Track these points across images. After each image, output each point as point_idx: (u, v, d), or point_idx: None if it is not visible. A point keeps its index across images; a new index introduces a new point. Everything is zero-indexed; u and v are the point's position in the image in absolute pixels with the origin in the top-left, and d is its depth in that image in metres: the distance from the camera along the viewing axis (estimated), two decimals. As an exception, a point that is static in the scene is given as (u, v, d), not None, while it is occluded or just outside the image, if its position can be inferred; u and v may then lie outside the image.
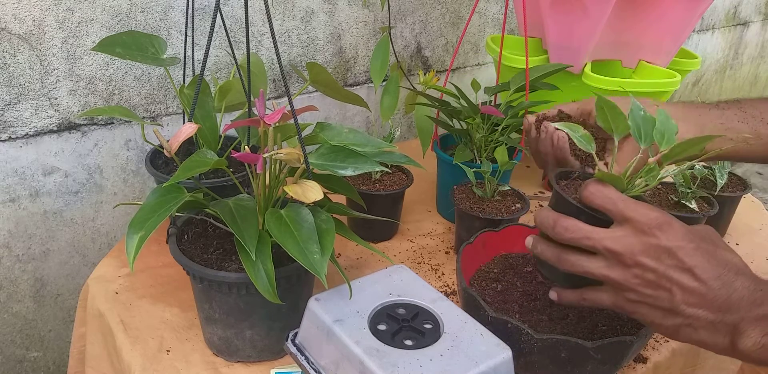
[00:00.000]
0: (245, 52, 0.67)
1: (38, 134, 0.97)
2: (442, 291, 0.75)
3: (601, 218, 0.55)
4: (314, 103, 1.09)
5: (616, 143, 0.59)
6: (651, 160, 0.55)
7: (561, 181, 0.62)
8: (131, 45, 0.74)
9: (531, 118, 0.79)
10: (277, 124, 0.60)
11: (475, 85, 1.01)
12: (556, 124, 0.57)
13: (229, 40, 0.76)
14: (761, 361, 0.49)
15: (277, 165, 0.63)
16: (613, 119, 0.57)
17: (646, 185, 0.57)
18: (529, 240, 0.60)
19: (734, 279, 0.50)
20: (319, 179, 0.66)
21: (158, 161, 0.90)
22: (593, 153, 0.57)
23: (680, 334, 0.52)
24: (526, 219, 0.94)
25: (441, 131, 1.05)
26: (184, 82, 0.81)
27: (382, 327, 0.60)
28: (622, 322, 0.68)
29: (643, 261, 0.52)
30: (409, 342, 0.58)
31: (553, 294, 0.61)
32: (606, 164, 0.73)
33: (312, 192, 0.60)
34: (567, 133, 0.59)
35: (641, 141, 0.56)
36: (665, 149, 0.55)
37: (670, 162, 0.56)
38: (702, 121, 0.67)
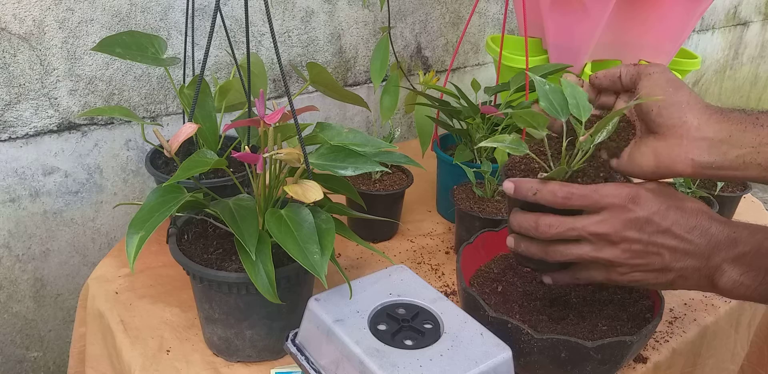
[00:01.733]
0: (245, 52, 0.67)
1: (38, 134, 0.97)
2: (442, 291, 0.75)
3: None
4: (314, 103, 1.09)
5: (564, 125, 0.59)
6: (582, 138, 0.56)
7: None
8: (131, 45, 0.74)
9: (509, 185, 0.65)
10: (277, 124, 0.60)
11: (475, 85, 1.01)
12: (488, 143, 0.57)
13: (229, 40, 0.76)
14: (740, 296, 0.55)
15: (277, 165, 0.63)
16: (533, 118, 0.57)
17: (585, 154, 0.57)
18: (510, 240, 0.61)
19: (708, 225, 0.54)
20: (319, 179, 0.66)
21: (158, 161, 0.90)
22: (543, 136, 0.58)
23: (674, 285, 0.57)
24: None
25: (441, 131, 1.05)
26: (184, 82, 0.81)
27: (382, 327, 0.60)
28: (622, 322, 0.68)
29: (628, 234, 0.54)
30: (409, 342, 0.58)
31: (547, 279, 0.63)
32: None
33: (312, 192, 0.60)
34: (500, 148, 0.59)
35: (559, 114, 0.57)
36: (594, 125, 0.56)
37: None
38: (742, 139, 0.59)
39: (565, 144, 0.58)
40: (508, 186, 0.58)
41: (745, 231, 0.54)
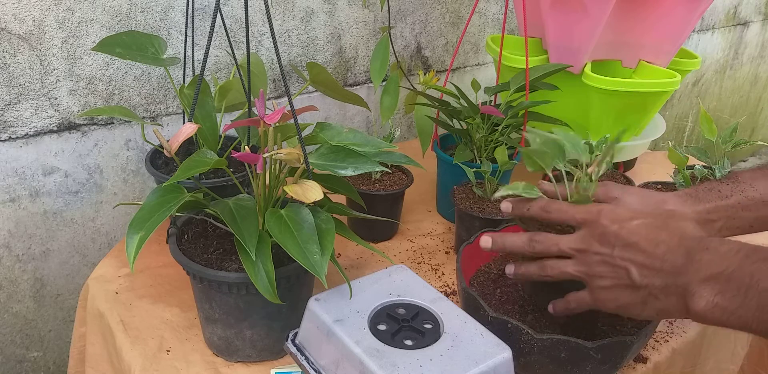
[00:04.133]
0: (245, 52, 0.67)
1: (38, 134, 0.97)
2: (442, 291, 0.75)
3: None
4: (314, 103, 1.09)
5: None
6: (590, 168, 0.60)
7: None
8: (131, 45, 0.74)
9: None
10: (277, 124, 0.60)
11: (475, 85, 1.01)
12: (504, 192, 0.59)
13: (229, 40, 0.76)
14: (715, 321, 0.50)
15: (277, 165, 0.63)
16: (541, 158, 0.60)
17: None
18: (510, 269, 0.64)
19: (679, 242, 0.53)
20: (319, 179, 0.66)
21: (158, 161, 0.90)
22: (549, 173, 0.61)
23: (648, 305, 0.54)
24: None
25: (441, 131, 1.05)
26: (184, 82, 0.81)
27: (382, 327, 0.60)
28: (622, 322, 0.68)
29: (599, 249, 0.56)
30: (409, 342, 0.58)
31: (550, 307, 0.64)
32: None
33: (312, 192, 0.60)
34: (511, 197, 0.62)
35: (561, 162, 0.61)
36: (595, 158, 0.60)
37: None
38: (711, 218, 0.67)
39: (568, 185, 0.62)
40: (506, 205, 0.63)
41: (723, 248, 0.51)
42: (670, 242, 0.53)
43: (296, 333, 0.65)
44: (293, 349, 0.64)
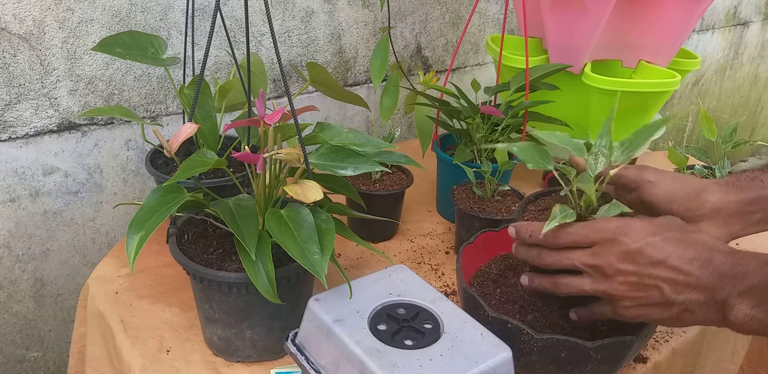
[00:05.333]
0: (245, 52, 0.67)
1: (38, 134, 0.97)
2: (442, 291, 0.75)
3: None
4: (314, 103, 1.09)
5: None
6: (611, 170, 0.58)
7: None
8: (131, 45, 0.74)
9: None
10: (277, 124, 0.60)
11: (475, 85, 1.01)
12: (552, 225, 0.57)
13: (229, 40, 0.76)
14: (753, 331, 0.52)
15: (277, 165, 0.63)
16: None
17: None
18: (524, 279, 0.63)
19: (710, 257, 0.52)
20: (319, 179, 0.66)
21: (158, 161, 0.90)
22: (552, 169, 0.59)
23: (682, 320, 0.55)
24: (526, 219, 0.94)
25: (441, 131, 1.05)
26: (184, 82, 0.81)
27: (382, 327, 0.60)
28: (622, 322, 0.68)
29: (621, 267, 0.54)
30: (409, 342, 0.58)
31: (572, 315, 0.64)
32: None
33: (312, 192, 0.60)
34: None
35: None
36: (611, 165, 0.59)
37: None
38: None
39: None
40: (511, 231, 0.61)
41: (753, 262, 0.52)
42: (701, 258, 0.52)
43: (296, 333, 0.65)
44: (293, 349, 0.64)
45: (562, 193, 0.68)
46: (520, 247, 0.61)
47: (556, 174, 0.60)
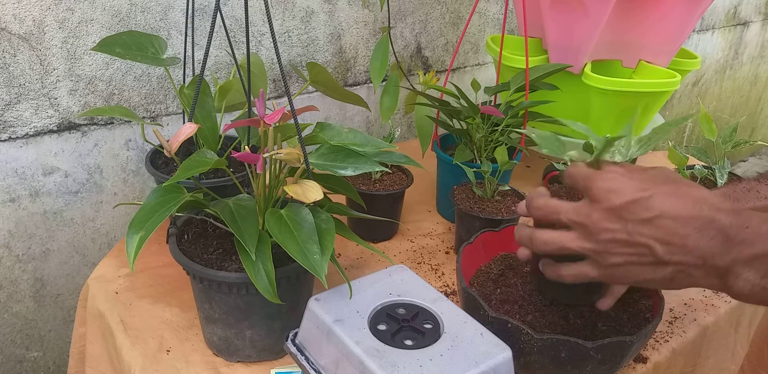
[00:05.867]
0: (245, 52, 0.67)
1: (38, 134, 0.97)
2: (442, 291, 0.75)
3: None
4: (314, 103, 1.09)
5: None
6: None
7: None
8: (131, 45, 0.74)
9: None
10: (277, 124, 0.60)
11: (475, 85, 1.01)
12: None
13: (229, 40, 0.76)
14: (760, 301, 0.48)
15: (277, 165, 0.63)
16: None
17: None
18: (517, 229, 0.59)
19: (712, 217, 0.47)
20: (319, 179, 0.66)
21: (158, 161, 0.90)
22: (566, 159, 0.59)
23: (676, 281, 0.51)
24: (526, 219, 0.94)
25: (441, 131, 1.05)
26: (184, 82, 0.81)
27: (382, 327, 0.60)
28: (622, 322, 0.68)
29: (607, 225, 0.50)
30: (409, 342, 0.58)
31: (541, 266, 0.59)
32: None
33: (312, 192, 0.60)
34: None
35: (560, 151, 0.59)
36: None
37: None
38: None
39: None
40: (520, 206, 0.60)
41: (765, 227, 0.47)
42: (701, 218, 0.47)
43: (296, 333, 0.65)
44: (293, 349, 0.64)
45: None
46: (519, 226, 0.58)
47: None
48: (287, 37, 1.14)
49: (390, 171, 0.95)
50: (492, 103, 1.05)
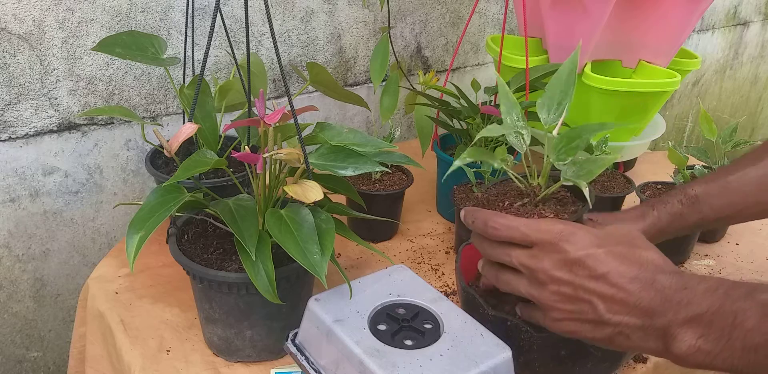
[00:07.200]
0: (245, 52, 0.67)
1: (38, 134, 0.97)
2: (442, 291, 0.75)
3: None
4: (314, 103, 1.09)
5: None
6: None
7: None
8: (131, 45, 0.74)
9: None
10: (277, 124, 0.60)
11: (475, 85, 1.01)
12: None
13: (229, 40, 0.76)
14: (698, 365, 0.47)
15: (277, 165, 0.63)
16: None
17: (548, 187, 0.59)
18: (480, 263, 0.62)
19: (653, 278, 0.48)
20: (319, 179, 0.66)
21: (158, 161, 0.90)
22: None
23: (615, 343, 0.51)
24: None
25: (441, 131, 1.05)
26: (184, 82, 0.81)
27: (382, 327, 0.60)
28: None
29: (556, 275, 0.51)
30: (409, 342, 0.58)
31: (518, 309, 0.61)
32: None
33: (312, 192, 0.60)
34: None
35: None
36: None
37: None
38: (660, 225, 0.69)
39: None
40: (462, 214, 0.59)
41: (701, 287, 0.47)
42: (644, 278, 0.48)
43: (296, 333, 0.65)
44: (293, 349, 0.64)
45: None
46: (472, 236, 0.59)
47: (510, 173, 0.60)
48: (287, 37, 1.14)
49: (390, 171, 0.95)
50: (492, 103, 1.05)
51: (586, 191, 0.56)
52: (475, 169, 0.89)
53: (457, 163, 0.55)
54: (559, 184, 0.59)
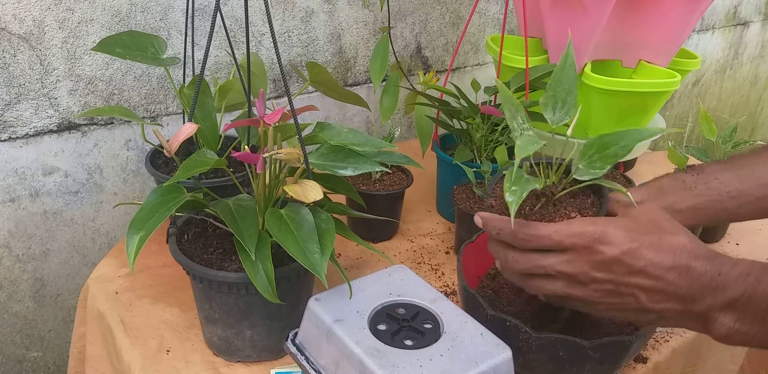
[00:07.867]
0: (245, 52, 0.67)
1: (38, 134, 0.97)
2: (442, 291, 0.75)
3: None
4: (314, 103, 1.09)
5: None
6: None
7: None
8: (131, 45, 0.74)
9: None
10: (277, 124, 0.60)
11: (475, 85, 1.01)
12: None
13: (229, 40, 0.76)
14: (737, 343, 0.52)
15: (277, 165, 0.63)
16: None
17: (563, 190, 0.58)
18: (498, 266, 0.60)
19: (689, 265, 0.51)
20: (319, 179, 0.66)
21: (158, 161, 0.90)
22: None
23: (658, 324, 0.57)
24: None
25: (441, 131, 1.05)
26: (184, 82, 0.81)
27: (382, 327, 0.60)
28: (622, 322, 0.68)
29: (597, 276, 0.53)
30: (409, 342, 0.58)
31: (542, 296, 0.60)
32: None
33: (312, 192, 0.60)
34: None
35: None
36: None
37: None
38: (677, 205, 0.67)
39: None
40: (477, 220, 0.58)
41: (734, 272, 0.51)
42: (679, 266, 0.51)
43: (296, 333, 0.65)
44: (293, 349, 0.64)
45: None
46: (492, 244, 0.59)
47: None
48: (287, 37, 1.14)
49: (390, 171, 0.95)
50: (492, 103, 1.05)
51: (607, 185, 0.56)
52: (475, 169, 0.89)
53: (508, 199, 0.52)
54: (571, 181, 0.57)
